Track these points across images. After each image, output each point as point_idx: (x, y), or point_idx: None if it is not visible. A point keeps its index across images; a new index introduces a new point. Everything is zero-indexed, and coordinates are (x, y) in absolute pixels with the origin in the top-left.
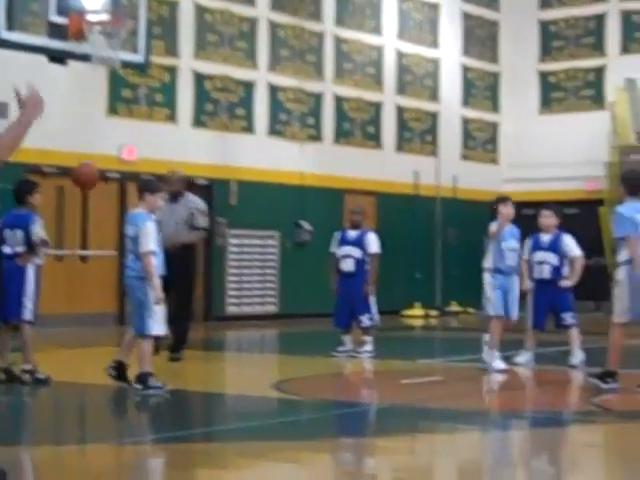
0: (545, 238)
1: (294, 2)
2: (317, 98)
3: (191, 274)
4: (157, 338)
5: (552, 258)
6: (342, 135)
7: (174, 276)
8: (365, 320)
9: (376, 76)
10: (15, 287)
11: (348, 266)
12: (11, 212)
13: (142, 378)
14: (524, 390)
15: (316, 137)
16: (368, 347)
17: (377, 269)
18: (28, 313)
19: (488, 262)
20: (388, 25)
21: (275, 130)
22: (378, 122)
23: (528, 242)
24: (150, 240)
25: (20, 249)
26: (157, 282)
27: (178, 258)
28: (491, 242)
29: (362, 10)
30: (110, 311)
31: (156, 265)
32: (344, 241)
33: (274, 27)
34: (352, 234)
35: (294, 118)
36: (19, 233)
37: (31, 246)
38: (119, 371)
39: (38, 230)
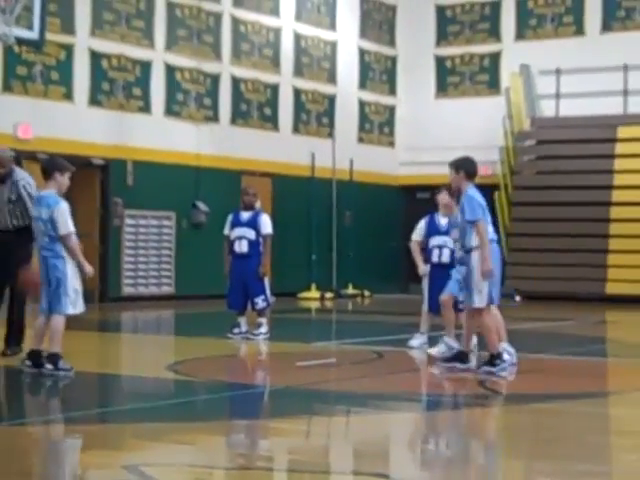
0: (443, 221)
1: None
2: (214, 79)
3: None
4: None
5: (450, 242)
6: (239, 116)
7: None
8: (260, 302)
9: (273, 58)
10: None
11: (242, 247)
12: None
13: (53, 359)
14: (420, 373)
15: (213, 118)
16: (263, 329)
17: (270, 250)
18: None
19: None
20: (286, 7)
21: (172, 110)
22: (275, 104)
23: (423, 225)
24: (69, 220)
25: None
26: (83, 259)
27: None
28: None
29: None
30: None
31: None
32: (237, 222)
33: (171, 6)
34: (245, 215)
35: (191, 98)
36: None
37: None
38: (34, 360)
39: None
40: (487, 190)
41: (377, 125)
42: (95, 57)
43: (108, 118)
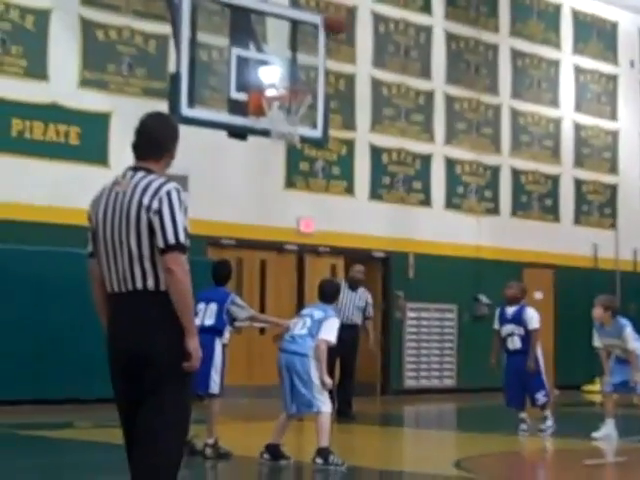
0: None
1: (470, 77)
2: (494, 171)
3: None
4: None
5: None
6: (519, 208)
7: None
8: (540, 397)
9: (553, 149)
10: (204, 360)
11: (514, 344)
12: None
13: (323, 453)
14: None
15: (493, 210)
16: (549, 422)
17: (537, 344)
18: (215, 387)
19: None
20: (565, 97)
21: (452, 203)
22: (556, 195)
23: None
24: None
25: (210, 322)
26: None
27: None
28: None
29: (539, 83)
30: None
31: None
32: (504, 319)
33: (450, 100)
34: (510, 310)
35: (471, 191)
36: (213, 306)
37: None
38: (272, 453)
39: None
40: None
41: None
42: (375, 151)
43: (389, 211)
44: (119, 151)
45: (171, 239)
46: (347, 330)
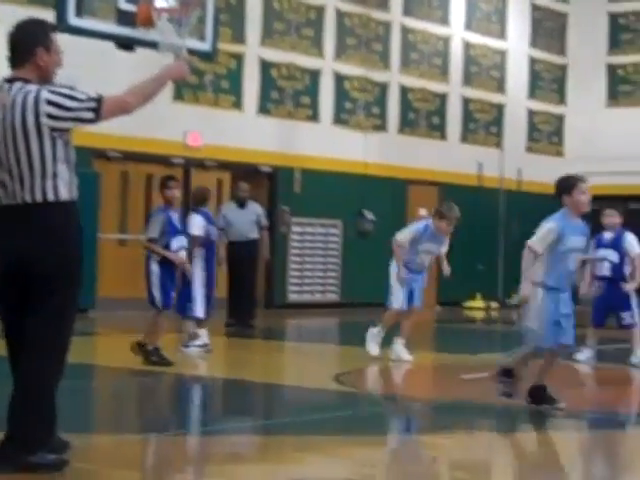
0: (607, 236)
1: None
2: (382, 88)
3: None
4: None
5: (613, 255)
6: (406, 125)
7: None
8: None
9: (442, 67)
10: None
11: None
12: None
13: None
14: (584, 388)
15: (380, 127)
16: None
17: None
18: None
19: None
20: (456, 15)
21: (340, 119)
22: (443, 113)
23: (592, 242)
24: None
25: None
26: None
27: None
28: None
29: (430, 1)
30: None
31: None
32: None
33: (340, 15)
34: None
35: (359, 107)
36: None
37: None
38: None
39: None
40: None
41: (546, 135)
42: (265, 66)
43: (277, 126)
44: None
45: (88, 99)
46: (245, 247)
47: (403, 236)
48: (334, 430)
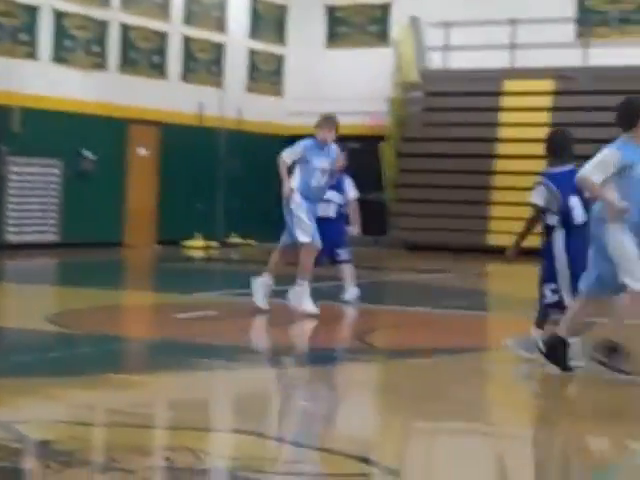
0: None
1: None
2: (103, 25)
3: None
4: None
5: (336, 197)
6: (127, 64)
7: None
8: None
9: (163, 5)
10: None
11: None
12: None
13: None
14: (296, 326)
15: (100, 65)
16: None
17: None
18: None
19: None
20: None
21: (59, 57)
22: (164, 52)
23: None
24: None
25: None
26: None
27: None
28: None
29: None
30: None
31: None
32: None
33: None
34: None
35: (79, 45)
36: None
37: None
38: None
39: None
40: (375, 141)
41: (266, 74)
42: None
43: None
44: None
45: None
46: None
47: (288, 153)
48: (47, 372)
